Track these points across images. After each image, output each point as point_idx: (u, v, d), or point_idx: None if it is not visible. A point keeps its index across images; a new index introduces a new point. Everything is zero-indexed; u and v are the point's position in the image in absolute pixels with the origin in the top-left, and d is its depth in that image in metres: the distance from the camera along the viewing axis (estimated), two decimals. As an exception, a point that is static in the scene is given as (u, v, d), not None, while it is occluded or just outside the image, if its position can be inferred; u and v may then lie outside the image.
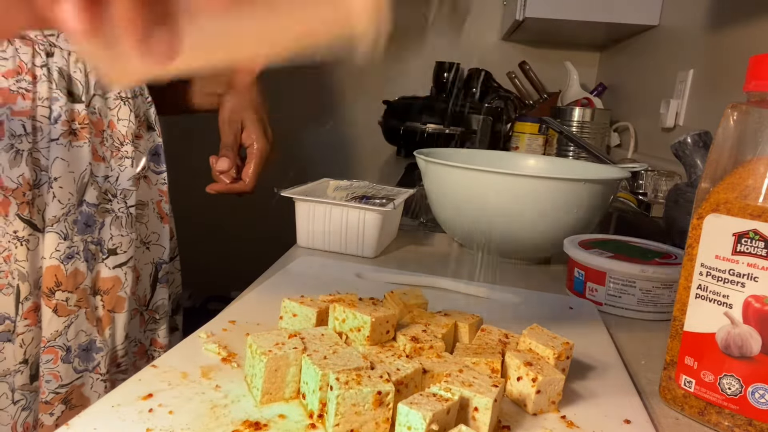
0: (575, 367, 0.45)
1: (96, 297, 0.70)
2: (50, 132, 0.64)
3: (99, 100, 0.69)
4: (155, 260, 0.78)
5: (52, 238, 0.64)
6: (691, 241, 0.41)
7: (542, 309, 0.59)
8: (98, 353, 0.70)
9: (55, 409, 0.66)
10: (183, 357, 0.41)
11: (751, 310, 0.38)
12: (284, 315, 0.46)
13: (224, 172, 0.76)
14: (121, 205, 0.71)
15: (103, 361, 0.70)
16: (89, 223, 0.68)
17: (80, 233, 0.67)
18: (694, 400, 0.41)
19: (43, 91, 0.64)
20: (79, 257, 0.67)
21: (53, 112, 0.64)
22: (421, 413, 0.31)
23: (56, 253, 0.65)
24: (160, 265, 0.79)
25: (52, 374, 0.66)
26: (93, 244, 0.68)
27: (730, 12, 1.19)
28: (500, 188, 0.71)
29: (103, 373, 0.70)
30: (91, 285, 0.69)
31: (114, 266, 0.70)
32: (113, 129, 0.70)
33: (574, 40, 2.13)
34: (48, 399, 0.66)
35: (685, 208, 0.79)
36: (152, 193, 0.77)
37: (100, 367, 0.70)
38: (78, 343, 0.68)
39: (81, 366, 0.69)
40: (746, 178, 0.38)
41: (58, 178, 0.64)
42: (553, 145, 1.78)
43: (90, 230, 0.68)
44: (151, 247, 0.78)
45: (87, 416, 0.33)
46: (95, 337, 0.70)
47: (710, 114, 1.23)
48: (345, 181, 0.88)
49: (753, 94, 0.40)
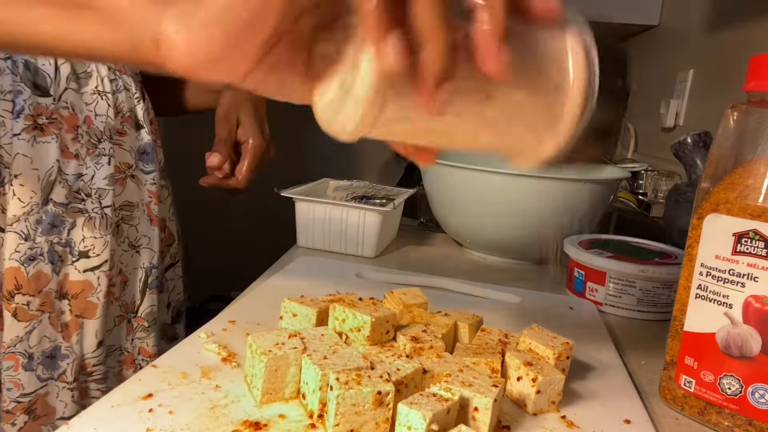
0: (575, 367, 0.45)
1: (63, 301, 0.66)
2: (13, 127, 0.60)
3: (72, 95, 0.65)
4: (145, 265, 0.74)
5: (12, 239, 0.61)
6: (691, 241, 0.41)
7: (542, 309, 0.59)
8: (64, 360, 0.66)
9: (17, 419, 0.63)
10: (183, 357, 0.41)
11: (751, 310, 0.38)
12: (284, 315, 0.46)
13: (215, 167, 0.74)
14: (96, 206, 0.67)
15: (69, 369, 0.66)
16: (56, 224, 0.64)
17: (45, 234, 0.63)
18: (694, 400, 0.41)
19: (5, 84, 0.60)
20: (42, 259, 0.63)
21: (16, 105, 0.60)
22: (421, 413, 0.31)
23: (16, 254, 0.61)
24: (150, 270, 0.75)
25: (13, 382, 0.62)
26: (60, 246, 0.65)
27: (730, 12, 1.19)
28: (500, 188, 0.71)
29: (70, 381, 0.66)
30: (57, 288, 0.65)
31: (85, 270, 0.66)
32: (90, 125, 0.66)
33: (574, 40, 2.13)
34: (9, 408, 0.62)
35: (685, 208, 0.79)
36: (141, 194, 0.73)
37: (66, 375, 0.66)
38: (41, 349, 0.64)
39: (45, 374, 0.65)
40: (746, 178, 0.38)
41: (18, 176, 0.60)
42: (553, 145, 1.78)
43: (57, 231, 0.64)
44: (141, 251, 0.74)
45: (87, 416, 0.33)
46: (60, 343, 0.66)
47: (710, 114, 1.23)
48: (345, 181, 0.88)
49: (753, 94, 0.40)
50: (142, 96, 0.74)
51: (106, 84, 0.68)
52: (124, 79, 0.71)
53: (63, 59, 0.64)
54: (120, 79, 0.70)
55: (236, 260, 1.79)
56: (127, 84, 0.72)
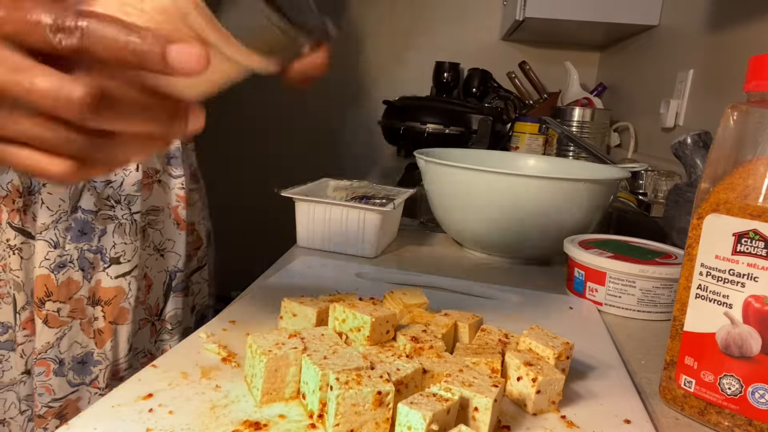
0: (575, 367, 0.45)
1: (96, 307, 0.67)
2: None
3: None
4: (169, 268, 0.74)
5: (41, 246, 0.62)
6: (691, 241, 0.41)
7: (542, 309, 0.59)
8: (96, 366, 0.66)
9: (49, 423, 0.64)
10: (183, 357, 0.41)
11: (751, 310, 0.38)
12: (284, 315, 0.46)
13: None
14: (125, 212, 0.67)
15: (101, 375, 0.67)
16: (85, 231, 0.65)
17: (74, 241, 0.64)
18: (694, 400, 0.41)
19: None
20: (72, 266, 0.64)
21: None
22: (421, 413, 0.31)
23: (46, 262, 0.62)
24: (174, 274, 0.75)
25: (45, 387, 0.63)
26: (91, 253, 0.65)
27: (730, 12, 1.19)
28: (500, 188, 0.71)
29: (102, 387, 0.67)
30: (89, 295, 0.66)
31: (117, 276, 0.67)
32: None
33: (574, 40, 2.13)
34: (41, 413, 0.63)
35: (685, 208, 0.79)
36: (169, 198, 0.73)
37: (98, 381, 0.67)
38: (72, 355, 0.65)
39: (76, 379, 0.66)
40: (746, 178, 0.38)
41: (46, 184, 0.61)
42: (553, 145, 1.78)
43: (86, 238, 0.65)
44: (166, 254, 0.74)
45: (87, 416, 0.33)
46: (92, 349, 0.66)
47: (710, 114, 1.23)
48: (345, 181, 0.88)
49: (753, 94, 0.40)
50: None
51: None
52: None
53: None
54: None
55: (236, 260, 1.79)
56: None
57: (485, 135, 1.77)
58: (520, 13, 1.72)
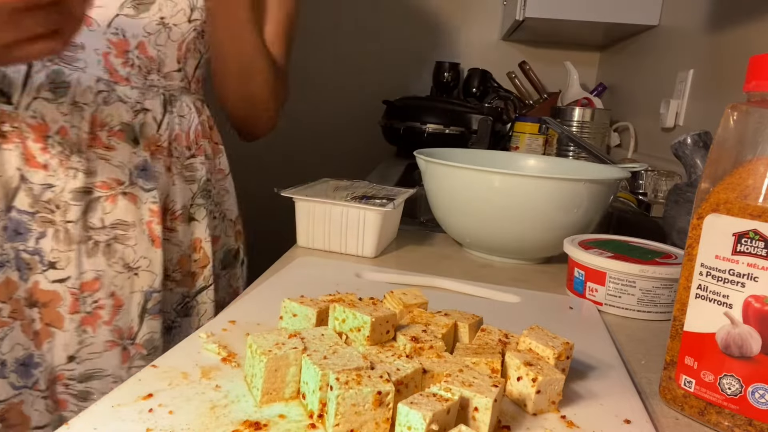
0: (575, 367, 0.45)
1: (33, 309, 0.64)
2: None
3: (43, 104, 0.63)
4: (144, 288, 0.70)
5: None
6: (691, 241, 0.41)
7: (542, 309, 0.59)
8: (36, 369, 0.65)
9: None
10: (183, 357, 0.41)
11: (751, 310, 0.38)
12: (284, 315, 0.46)
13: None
14: (62, 219, 0.65)
15: (42, 378, 0.65)
16: (20, 231, 0.63)
17: (10, 240, 0.62)
18: (694, 400, 0.41)
19: None
20: (10, 266, 0.62)
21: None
22: (421, 413, 0.31)
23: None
24: (150, 294, 0.71)
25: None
26: (27, 254, 0.63)
27: (730, 12, 1.19)
28: (500, 188, 0.71)
29: (42, 389, 0.65)
30: (27, 296, 0.64)
31: (53, 281, 0.65)
32: (64, 136, 0.64)
33: (574, 40, 2.13)
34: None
35: (685, 208, 0.79)
36: (139, 213, 0.70)
37: (39, 384, 0.65)
38: (14, 357, 0.63)
39: (19, 382, 0.64)
40: (746, 178, 0.38)
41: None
42: (553, 145, 1.78)
43: (22, 238, 0.63)
44: (140, 273, 0.70)
45: (87, 416, 0.33)
46: (33, 351, 0.65)
47: (710, 114, 1.23)
48: (345, 181, 0.88)
49: (753, 94, 0.40)
50: (163, 112, 0.71)
51: (87, 96, 0.65)
52: (120, 91, 0.68)
53: (38, 69, 0.64)
54: (114, 92, 0.68)
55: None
56: (125, 96, 0.68)
57: (485, 135, 1.77)
58: (520, 13, 1.72)
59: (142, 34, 0.68)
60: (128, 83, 0.69)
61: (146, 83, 0.70)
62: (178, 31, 0.70)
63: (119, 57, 0.67)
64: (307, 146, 2.47)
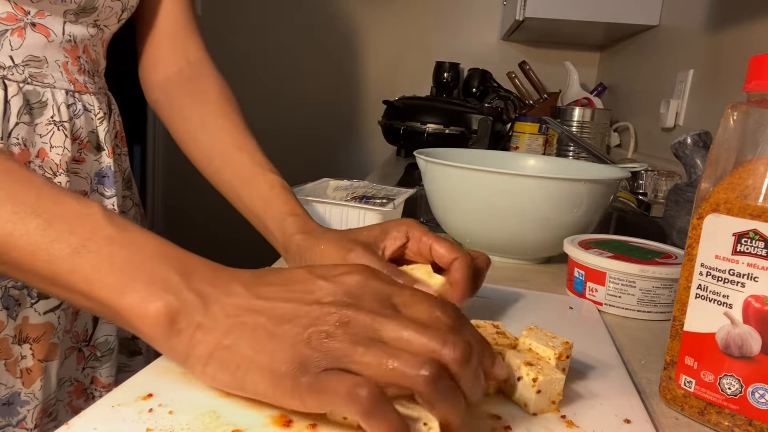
0: (575, 367, 0.45)
1: (23, 345, 0.62)
2: None
3: (24, 129, 0.60)
4: None
5: None
6: (691, 241, 0.41)
7: (542, 309, 0.59)
8: (24, 407, 0.62)
9: None
10: (183, 357, 0.41)
11: (751, 310, 0.38)
12: (284, 315, 0.46)
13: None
14: None
15: (30, 415, 0.63)
16: None
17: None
18: (694, 400, 0.41)
19: None
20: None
21: None
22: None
23: None
24: None
25: None
26: (16, 289, 0.61)
27: (730, 12, 1.19)
28: (500, 188, 0.71)
29: (30, 428, 0.63)
30: (15, 334, 0.61)
31: (46, 311, 0.63)
32: (44, 158, 0.62)
33: (574, 40, 2.13)
34: None
35: (685, 208, 0.79)
36: None
37: (26, 422, 0.63)
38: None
39: (2, 421, 0.62)
40: (746, 178, 0.38)
41: None
42: (553, 145, 1.78)
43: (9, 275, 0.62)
44: None
45: (87, 416, 0.33)
46: (19, 389, 0.62)
47: (710, 114, 1.23)
48: (345, 181, 0.88)
49: (753, 94, 0.40)
50: (107, 113, 0.69)
51: (63, 112, 0.63)
52: (84, 100, 0.66)
53: (14, 92, 0.59)
54: (80, 102, 0.66)
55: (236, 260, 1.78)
56: (88, 104, 0.67)
57: (485, 135, 1.77)
58: (520, 13, 1.72)
59: (87, 38, 0.66)
60: (87, 90, 0.67)
61: (96, 87, 0.69)
62: (108, 31, 0.69)
63: (74, 64, 0.65)
64: (307, 146, 2.47)
